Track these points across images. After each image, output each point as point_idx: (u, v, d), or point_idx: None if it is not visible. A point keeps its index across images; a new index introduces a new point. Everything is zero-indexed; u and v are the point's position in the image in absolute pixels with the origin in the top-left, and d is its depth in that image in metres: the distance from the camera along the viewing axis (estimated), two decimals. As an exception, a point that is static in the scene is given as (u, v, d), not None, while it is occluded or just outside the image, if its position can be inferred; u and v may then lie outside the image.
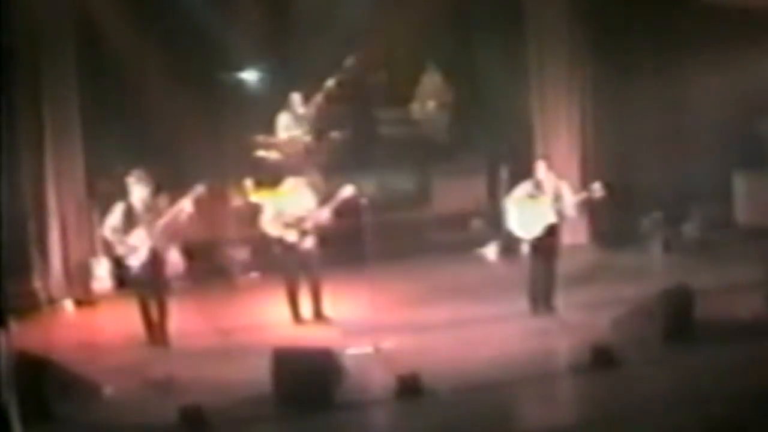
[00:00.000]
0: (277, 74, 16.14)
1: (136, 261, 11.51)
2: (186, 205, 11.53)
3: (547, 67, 14.94)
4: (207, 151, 15.22)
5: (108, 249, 12.49)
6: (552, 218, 11.87)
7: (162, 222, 11.50)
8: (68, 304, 13.47)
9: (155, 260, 11.55)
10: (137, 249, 11.47)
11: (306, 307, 12.27)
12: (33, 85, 13.28)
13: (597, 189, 11.95)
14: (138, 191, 11.52)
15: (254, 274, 14.08)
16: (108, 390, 10.27)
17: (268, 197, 13.32)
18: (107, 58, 14.26)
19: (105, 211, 12.10)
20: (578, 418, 9.49)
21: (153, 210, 11.56)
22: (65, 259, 13.61)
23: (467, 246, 14.85)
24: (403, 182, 16.07)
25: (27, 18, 13.04)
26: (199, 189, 11.61)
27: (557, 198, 11.89)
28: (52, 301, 13.44)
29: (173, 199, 11.80)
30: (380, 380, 10.19)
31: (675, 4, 14.55)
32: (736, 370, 10.04)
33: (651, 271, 13.27)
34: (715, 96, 14.67)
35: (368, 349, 10.99)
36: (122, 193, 11.65)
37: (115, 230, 11.54)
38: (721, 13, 14.16)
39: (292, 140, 15.41)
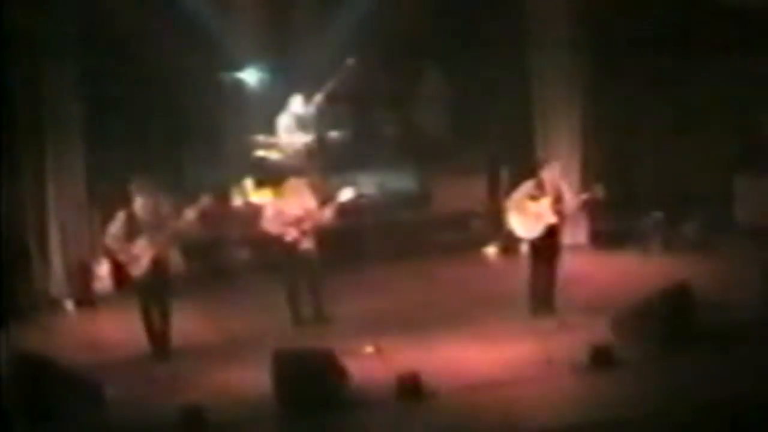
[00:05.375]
0: (278, 75, 16.14)
1: (138, 270, 11.34)
2: (190, 216, 11.38)
3: (548, 67, 14.94)
4: (208, 151, 15.25)
5: (109, 253, 12.44)
6: (552, 219, 11.87)
7: (165, 232, 11.35)
8: (68, 304, 13.47)
9: (158, 269, 11.37)
10: (139, 257, 11.30)
11: (306, 308, 12.28)
12: (33, 85, 13.27)
13: (599, 190, 11.96)
14: (140, 199, 11.32)
15: (254, 274, 14.09)
16: (108, 390, 10.27)
17: (269, 197, 13.34)
18: (108, 59, 14.27)
19: (105, 211, 12.08)
20: (578, 419, 9.49)
21: (155, 217, 11.36)
22: (65, 260, 13.61)
23: (467, 246, 14.86)
24: (403, 182, 16.07)
25: (27, 18, 13.04)
26: (206, 200, 11.44)
27: (557, 198, 11.89)
28: (52, 301, 13.45)
29: (175, 201, 11.76)
30: (380, 380, 10.19)
31: (675, 4, 14.55)
32: (735, 370, 10.06)
33: (651, 271, 13.27)
34: (715, 96, 14.69)
35: (368, 349, 11.00)
36: (122, 194, 11.58)
37: (116, 238, 11.37)
38: (721, 13, 14.18)
39: (292, 141, 15.42)
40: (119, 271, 12.83)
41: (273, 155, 15.45)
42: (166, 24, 14.71)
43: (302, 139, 15.45)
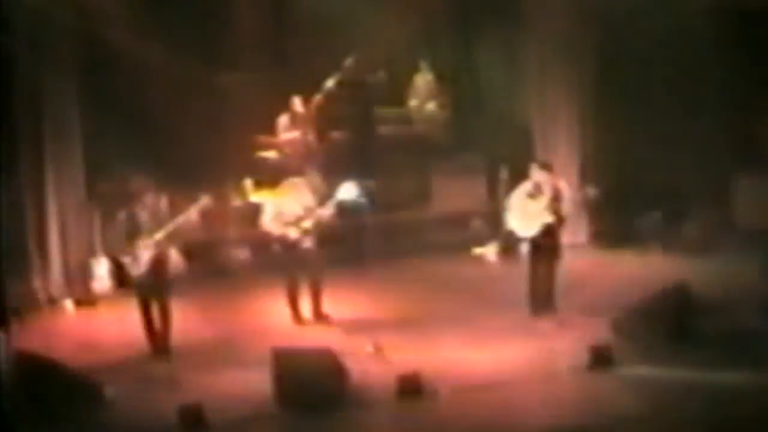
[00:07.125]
0: (278, 75, 16.13)
1: (137, 270, 11.37)
2: (190, 216, 11.38)
3: (547, 67, 14.92)
4: (207, 151, 15.23)
5: (108, 251, 12.45)
6: (549, 218, 11.86)
7: (165, 232, 11.35)
8: (68, 304, 13.47)
9: (158, 268, 11.40)
10: (139, 257, 11.31)
11: (306, 307, 12.28)
12: (33, 85, 13.26)
13: (590, 190, 12.02)
14: (140, 199, 11.37)
15: (254, 274, 14.08)
16: (108, 390, 10.28)
17: (268, 197, 13.33)
18: (107, 59, 14.26)
19: (105, 211, 12.08)
20: (578, 419, 9.49)
21: (155, 217, 11.43)
22: (65, 259, 13.59)
23: (467, 246, 14.85)
24: (403, 182, 16.06)
25: (27, 18, 13.03)
26: (205, 201, 11.49)
27: (556, 198, 11.89)
28: (52, 301, 13.44)
29: (174, 201, 11.75)
30: (380, 380, 10.19)
31: (675, 4, 14.54)
32: (734, 370, 10.06)
33: (651, 271, 13.26)
34: (714, 96, 14.68)
35: (368, 348, 11.00)
36: (122, 194, 11.59)
37: (116, 238, 11.43)
38: (722, 12, 14.17)
39: (292, 141, 15.42)
40: (119, 270, 12.83)
41: (273, 155, 15.46)
42: (167, 23, 14.70)
43: (302, 139, 15.44)
